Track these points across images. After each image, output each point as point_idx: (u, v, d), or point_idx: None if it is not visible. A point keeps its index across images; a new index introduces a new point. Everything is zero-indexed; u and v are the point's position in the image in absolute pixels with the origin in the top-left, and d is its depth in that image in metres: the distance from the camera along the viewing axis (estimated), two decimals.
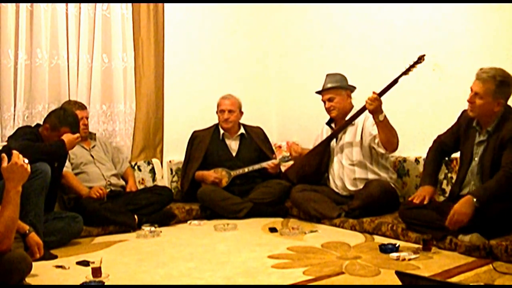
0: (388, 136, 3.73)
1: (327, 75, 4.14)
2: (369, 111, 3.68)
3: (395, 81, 3.66)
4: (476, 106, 3.12)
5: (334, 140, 4.14)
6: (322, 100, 4.14)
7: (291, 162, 4.46)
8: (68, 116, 3.54)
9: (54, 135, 3.49)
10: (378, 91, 3.64)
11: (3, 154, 2.43)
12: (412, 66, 3.60)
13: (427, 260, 2.87)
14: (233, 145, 4.65)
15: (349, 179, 4.00)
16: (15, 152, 2.42)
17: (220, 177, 4.46)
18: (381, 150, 3.87)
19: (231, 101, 4.61)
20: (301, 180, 4.20)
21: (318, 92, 4.17)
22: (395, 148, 3.82)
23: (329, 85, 4.08)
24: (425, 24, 4.08)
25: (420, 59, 3.59)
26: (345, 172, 4.03)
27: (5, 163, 2.39)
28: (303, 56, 5.21)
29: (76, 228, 3.57)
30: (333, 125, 4.19)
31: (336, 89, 4.06)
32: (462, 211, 2.90)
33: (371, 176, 3.95)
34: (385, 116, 3.64)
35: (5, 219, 2.36)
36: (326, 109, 4.12)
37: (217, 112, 4.65)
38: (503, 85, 3.07)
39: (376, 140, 3.84)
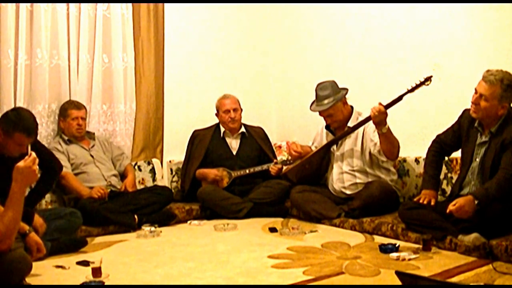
0: (390, 147, 3.72)
1: (318, 88, 4.02)
2: (374, 123, 3.66)
3: (400, 98, 3.60)
4: (481, 108, 3.08)
5: (335, 145, 4.11)
6: (320, 115, 4.06)
7: (291, 165, 4.46)
8: (22, 120, 3.05)
9: (9, 141, 3.05)
10: (384, 103, 3.58)
11: (32, 152, 2.43)
12: (419, 85, 3.53)
13: (427, 260, 2.87)
14: (234, 143, 4.64)
15: (350, 184, 3.98)
16: (33, 156, 2.41)
17: (221, 176, 4.46)
18: (382, 158, 3.88)
19: (232, 100, 4.61)
20: (301, 181, 4.19)
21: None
22: (395, 157, 3.84)
23: (325, 102, 3.94)
24: (425, 24, 4.08)
25: (427, 80, 3.52)
26: (345, 177, 4.01)
27: (22, 163, 2.38)
28: (303, 56, 5.20)
29: (76, 223, 3.56)
30: (332, 128, 4.17)
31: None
32: (465, 209, 2.90)
33: (372, 179, 3.93)
34: (388, 128, 3.62)
35: (8, 219, 2.36)
36: (326, 123, 4.09)
37: (217, 114, 4.64)
38: (510, 89, 3.03)
39: (377, 148, 3.82)
